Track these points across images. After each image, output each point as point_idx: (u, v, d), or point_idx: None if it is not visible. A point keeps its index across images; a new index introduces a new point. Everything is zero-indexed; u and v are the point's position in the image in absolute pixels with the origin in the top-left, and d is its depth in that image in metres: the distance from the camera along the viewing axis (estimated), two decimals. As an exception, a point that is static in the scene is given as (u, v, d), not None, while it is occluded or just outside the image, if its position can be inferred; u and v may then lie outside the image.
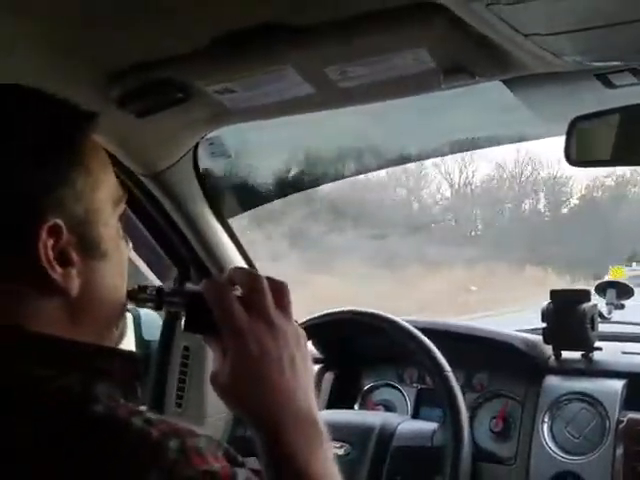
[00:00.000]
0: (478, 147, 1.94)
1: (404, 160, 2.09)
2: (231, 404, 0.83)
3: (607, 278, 1.86)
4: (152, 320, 1.93)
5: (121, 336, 0.85)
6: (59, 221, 0.71)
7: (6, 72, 1.15)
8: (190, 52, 1.19)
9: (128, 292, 0.84)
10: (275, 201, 2.13)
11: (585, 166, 1.37)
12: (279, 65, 1.19)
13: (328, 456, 0.81)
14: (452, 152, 2.07)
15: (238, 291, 0.84)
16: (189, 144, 1.57)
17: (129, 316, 1.43)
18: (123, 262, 0.83)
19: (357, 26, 1.09)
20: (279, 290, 0.84)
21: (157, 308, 0.91)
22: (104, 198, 0.78)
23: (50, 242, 0.70)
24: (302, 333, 0.85)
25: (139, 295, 0.87)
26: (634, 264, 11.88)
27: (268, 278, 0.84)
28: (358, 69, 1.18)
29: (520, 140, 1.79)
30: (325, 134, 2.05)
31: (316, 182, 2.23)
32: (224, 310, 0.80)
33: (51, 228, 0.70)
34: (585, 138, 1.31)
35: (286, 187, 2.03)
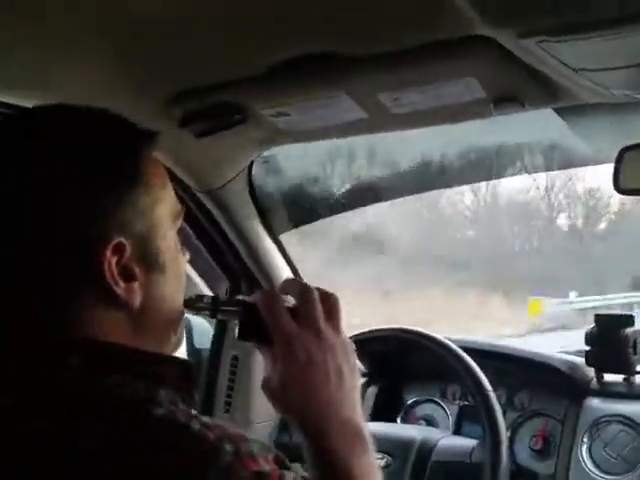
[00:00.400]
0: (527, 172, 1.96)
1: (453, 183, 2.12)
2: (280, 408, 0.87)
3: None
4: (203, 330, 1.99)
5: (179, 342, 0.90)
6: (122, 239, 0.75)
7: (74, 90, 1.20)
8: (248, 78, 1.24)
9: (185, 301, 0.88)
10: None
11: (633, 194, 1.39)
12: (333, 92, 1.23)
13: (371, 463, 0.85)
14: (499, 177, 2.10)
15: (290, 302, 0.89)
16: (244, 162, 1.64)
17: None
18: (181, 273, 0.86)
19: (409, 56, 1.13)
20: (329, 302, 0.88)
21: (212, 316, 0.95)
22: (163, 214, 0.81)
23: (114, 259, 0.75)
24: (350, 345, 0.89)
25: (196, 304, 0.92)
26: (572, 294, 10.35)
27: (319, 290, 0.88)
28: (410, 96, 1.23)
29: (568, 167, 1.81)
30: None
31: (363, 203, 2.28)
32: (275, 319, 0.85)
33: (115, 247, 0.75)
34: (634, 167, 1.34)
35: (336, 206, 2.08)
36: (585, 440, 1.61)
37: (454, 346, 1.63)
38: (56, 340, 0.74)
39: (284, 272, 1.95)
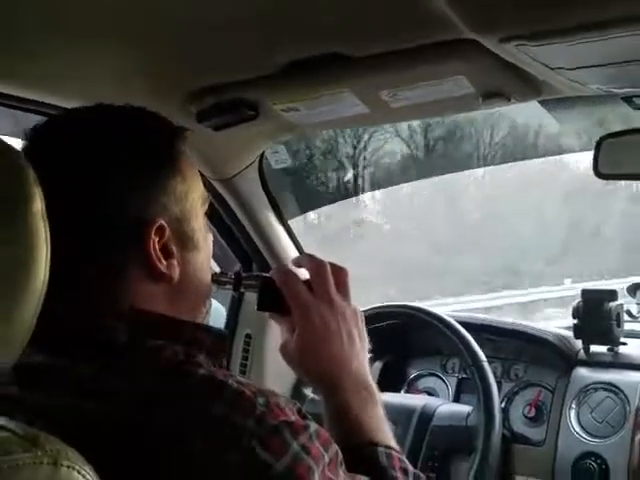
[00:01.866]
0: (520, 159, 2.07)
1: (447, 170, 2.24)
2: (298, 369, 1.00)
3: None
4: (218, 311, 2.11)
5: (207, 314, 1.00)
6: (163, 222, 0.86)
7: (96, 88, 1.25)
8: (262, 76, 1.35)
9: (211, 276, 0.99)
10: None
11: (612, 179, 1.52)
12: (339, 89, 1.35)
13: (380, 415, 0.97)
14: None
15: (304, 275, 1.02)
16: (256, 153, 1.76)
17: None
18: (210, 251, 0.98)
19: (406, 57, 1.24)
20: (340, 274, 1.01)
21: (235, 289, 1.07)
22: (195, 198, 0.92)
23: (156, 239, 0.86)
24: (359, 312, 1.02)
25: (220, 278, 1.04)
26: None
27: (330, 264, 1.01)
28: (407, 92, 1.34)
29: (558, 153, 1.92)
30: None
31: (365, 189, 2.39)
32: (292, 290, 0.97)
33: (158, 229, 0.86)
34: (612, 153, 1.46)
35: (341, 192, 2.20)
36: (573, 406, 1.74)
37: (453, 321, 1.76)
38: (107, 309, 0.84)
39: (292, 254, 2.07)
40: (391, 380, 2.10)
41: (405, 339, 2.10)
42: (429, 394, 2.03)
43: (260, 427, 0.75)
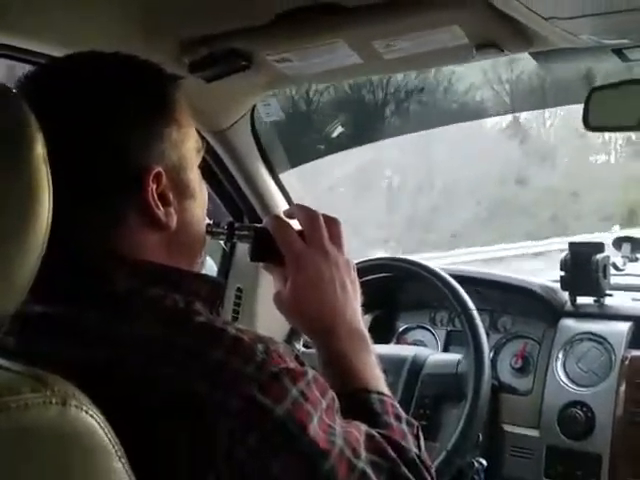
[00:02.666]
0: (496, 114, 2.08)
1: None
2: (292, 318, 1.01)
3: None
4: (208, 265, 2.12)
5: (202, 265, 1.01)
6: (160, 169, 0.86)
7: (87, 38, 1.23)
8: (255, 26, 1.34)
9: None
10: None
11: (601, 131, 1.53)
12: (332, 39, 1.35)
13: (373, 361, 0.99)
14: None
15: (297, 226, 1.02)
16: (248, 105, 1.76)
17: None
18: (205, 201, 0.97)
19: (400, 6, 1.24)
20: (333, 225, 1.01)
21: (228, 240, 1.05)
22: (191, 147, 0.92)
23: (154, 186, 0.85)
24: (352, 263, 1.02)
25: (213, 229, 1.03)
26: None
27: (323, 215, 1.01)
28: (401, 43, 1.34)
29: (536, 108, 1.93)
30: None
31: (360, 141, 2.40)
32: (286, 239, 0.97)
33: (155, 175, 0.86)
34: (602, 106, 1.47)
35: (333, 146, 2.20)
36: (560, 356, 1.77)
37: (442, 272, 1.78)
38: (108, 256, 0.85)
39: (284, 207, 2.07)
40: (380, 333, 2.12)
41: (394, 292, 2.12)
42: (417, 346, 2.06)
43: (260, 373, 0.77)
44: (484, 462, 1.68)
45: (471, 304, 1.71)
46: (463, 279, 1.81)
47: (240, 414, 0.75)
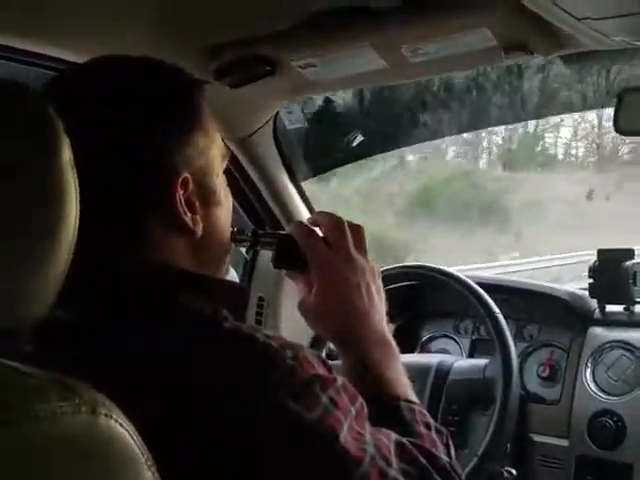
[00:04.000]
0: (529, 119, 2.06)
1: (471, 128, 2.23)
2: (317, 325, 1.00)
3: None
4: (230, 275, 2.11)
5: (227, 271, 1.01)
6: (187, 175, 0.85)
7: (113, 45, 1.28)
8: (280, 31, 1.34)
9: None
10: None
11: (632, 135, 1.51)
12: (358, 44, 1.34)
13: (400, 368, 0.97)
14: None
15: (320, 233, 1.00)
16: (271, 112, 1.75)
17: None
18: (230, 208, 0.97)
19: (428, 10, 1.23)
20: (357, 232, 1.00)
21: (252, 246, 1.05)
22: (216, 154, 0.92)
23: (181, 192, 0.85)
24: (377, 269, 1.01)
25: (238, 236, 1.02)
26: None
27: (348, 222, 1.00)
28: (428, 47, 1.33)
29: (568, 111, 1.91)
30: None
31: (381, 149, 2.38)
32: (311, 246, 0.96)
33: (183, 181, 0.85)
34: (633, 109, 1.45)
35: (354, 154, 2.19)
36: (589, 365, 1.74)
37: (467, 279, 1.75)
38: (134, 262, 0.84)
39: (305, 216, 2.07)
40: (404, 342, 2.09)
41: (418, 301, 2.10)
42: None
43: (290, 380, 0.75)
44: (514, 472, 1.65)
45: (496, 308, 1.69)
46: (488, 287, 1.78)
47: (271, 421, 0.74)
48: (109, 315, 0.80)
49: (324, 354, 1.92)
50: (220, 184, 0.93)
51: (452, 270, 1.80)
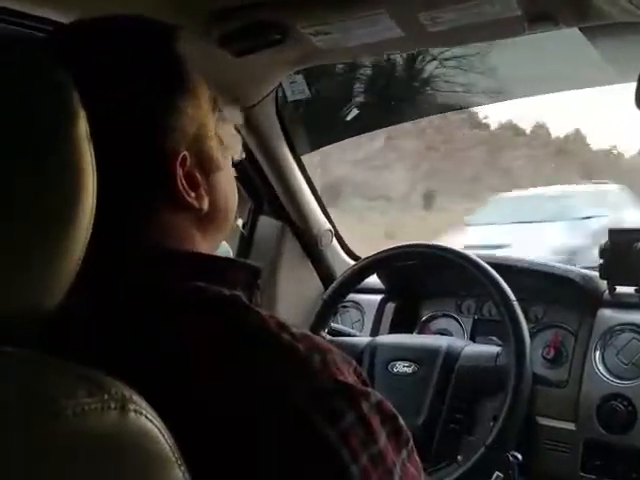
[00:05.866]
0: (545, 92, 2.00)
1: (470, 104, 2.17)
2: None
3: None
4: (223, 249, 2.05)
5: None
6: (185, 152, 0.78)
7: (114, 8, 1.23)
8: (290, -5, 1.29)
9: None
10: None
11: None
12: (374, 10, 1.28)
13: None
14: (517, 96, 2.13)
15: None
16: (276, 82, 1.68)
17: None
18: (231, 169, 0.89)
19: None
20: None
21: None
22: (206, 111, 0.82)
23: (181, 171, 0.78)
24: None
25: None
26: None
27: None
28: (448, 14, 1.27)
29: (588, 86, 1.85)
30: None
31: (383, 123, 2.32)
32: None
33: (181, 160, 0.78)
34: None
35: (356, 127, 2.13)
36: (598, 348, 1.70)
37: (479, 260, 1.70)
38: (138, 251, 0.77)
39: (305, 193, 2.01)
40: (403, 322, 2.06)
41: (419, 280, 2.05)
42: (443, 335, 1.99)
43: (314, 387, 0.69)
44: (519, 456, 1.60)
45: (512, 295, 1.64)
46: (494, 265, 1.73)
47: (290, 432, 0.67)
48: (128, 305, 0.74)
49: (326, 332, 1.87)
50: (215, 145, 0.84)
51: (461, 250, 1.75)
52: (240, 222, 2.01)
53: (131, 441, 0.56)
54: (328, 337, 1.84)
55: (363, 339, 1.88)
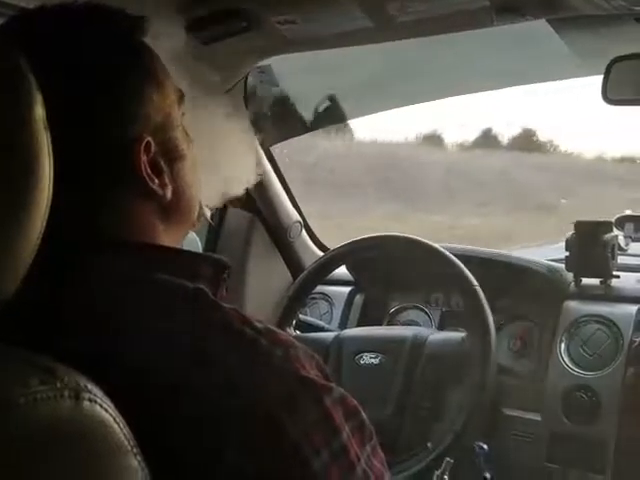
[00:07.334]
0: (509, 85, 2.01)
1: (436, 95, 2.17)
2: None
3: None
4: (191, 240, 2.02)
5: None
6: (149, 138, 0.77)
7: None
8: (258, -16, 1.28)
9: None
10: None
11: (621, 104, 1.46)
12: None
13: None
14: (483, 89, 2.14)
15: None
16: (244, 71, 1.66)
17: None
18: (194, 159, 0.87)
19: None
20: None
21: None
22: (172, 102, 0.82)
23: (145, 158, 0.77)
24: None
25: None
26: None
27: None
28: (416, 4, 1.27)
29: (554, 79, 1.87)
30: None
31: (351, 115, 2.32)
32: None
33: (145, 145, 0.77)
34: (622, 78, 1.40)
35: (324, 119, 2.12)
36: (564, 339, 1.71)
37: (442, 249, 1.71)
38: (104, 240, 0.76)
39: (275, 184, 2.00)
40: (372, 313, 2.07)
41: (388, 272, 2.05)
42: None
43: (275, 382, 0.68)
44: (485, 446, 1.62)
45: (474, 280, 1.65)
46: (461, 258, 1.74)
47: (252, 428, 0.67)
48: (83, 295, 0.72)
49: (292, 328, 1.86)
50: (180, 135, 0.84)
51: (428, 242, 1.75)
52: (209, 213, 2.00)
53: (85, 429, 0.55)
54: (296, 333, 1.84)
55: (330, 334, 1.88)
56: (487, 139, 8.28)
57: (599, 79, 1.41)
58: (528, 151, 8.27)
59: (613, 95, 1.40)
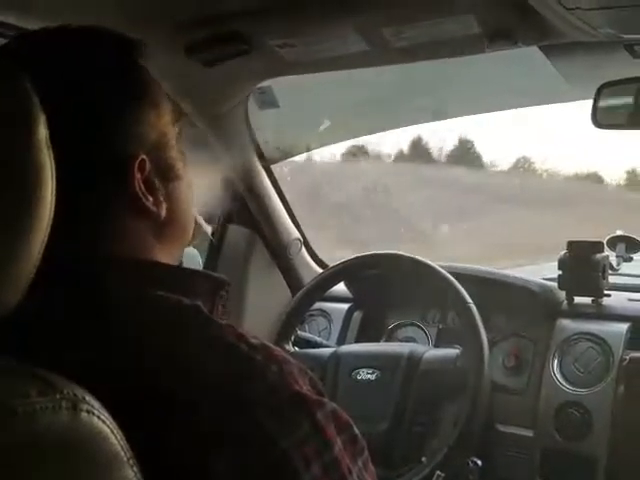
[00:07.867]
0: (497, 109, 2.05)
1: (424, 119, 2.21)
2: None
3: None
4: (194, 258, 2.05)
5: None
6: (144, 156, 0.79)
7: (80, 16, 1.21)
8: (258, 7, 1.30)
9: None
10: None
11: (610, 129, 1.50)
12: (340, 24, 1.31)
13: None
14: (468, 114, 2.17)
15: None
16: (244, 92, 1.70)
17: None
18: (190, 180, 0.89)
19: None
20: None
21: None
22: (167, 122, 0.84)
23: (139, 176, 0.78)
24: None
25: None
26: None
27: None
28: (411, 31, 1.31)
29: (545, 102, 1.90)
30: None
31: (350, 135, 2.36)
32: None
33: (140, 164, 0.79)
34: (611, 102, 1.44)
35: (323, 139, 2.16)
36: (556, 356, 1.74)
37: (438, 267, 1.74)
38: (101, 255, 0.77)
39: (275, 201, 2.03)
40: (370, 330, 2.09)
41: (385, 289, 2.08)
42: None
43: (270, 398, 0.69)
44: (479, 462, 1.65)
45: (469, 298, 1.68)
46: (457, 276, 1.77)
47: (243, 440, 0.68)
48: (81, 310, 0.73)
49: (291, 344, 1.89)
50: (176, 156, 0.86)
51: (426, 260, 1.78)
52: (209, 230, 2.03)
53: (83, 441, 0.56)
54: (294, 349, 1.87)
55: (327, 350, 1.90)
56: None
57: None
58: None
59: (603, 120, 1.44)
